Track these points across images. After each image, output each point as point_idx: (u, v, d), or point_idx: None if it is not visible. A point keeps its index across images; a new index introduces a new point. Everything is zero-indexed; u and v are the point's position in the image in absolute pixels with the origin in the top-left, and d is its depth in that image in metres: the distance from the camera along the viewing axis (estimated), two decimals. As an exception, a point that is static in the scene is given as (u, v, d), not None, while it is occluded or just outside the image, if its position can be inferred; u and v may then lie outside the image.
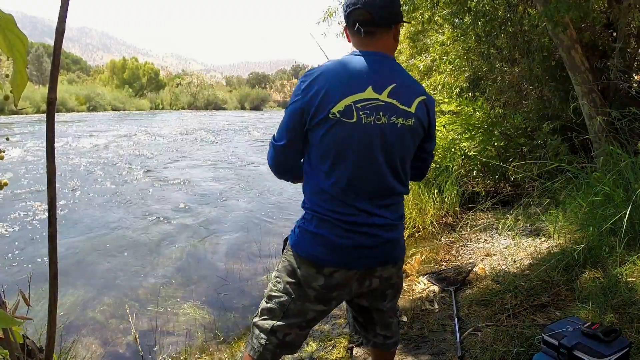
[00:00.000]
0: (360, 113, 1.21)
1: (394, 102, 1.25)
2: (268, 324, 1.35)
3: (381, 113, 1.23)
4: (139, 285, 3.51)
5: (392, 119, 1.24)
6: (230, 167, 9.40)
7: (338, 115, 1.20)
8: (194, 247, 4.39)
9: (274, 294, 1.36)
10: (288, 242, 1.37)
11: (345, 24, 1.34)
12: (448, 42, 5.92)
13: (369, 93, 1.22)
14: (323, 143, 1.23)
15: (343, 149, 1.22)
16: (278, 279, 1.36)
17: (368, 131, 1.22)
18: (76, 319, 2.96)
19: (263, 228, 5.01)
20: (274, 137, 1.33)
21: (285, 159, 1.33)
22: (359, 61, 1.25)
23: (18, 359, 0.71)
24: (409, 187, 1.45)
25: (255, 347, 1.36)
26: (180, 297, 3.30)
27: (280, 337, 1.34)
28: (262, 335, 1.35)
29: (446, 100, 5.23)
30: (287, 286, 1.33)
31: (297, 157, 1.33)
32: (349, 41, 1.35)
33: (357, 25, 1.27)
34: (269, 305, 1.36)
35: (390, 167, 1.27)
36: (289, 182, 1.47)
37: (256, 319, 1.40)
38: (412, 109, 1.28)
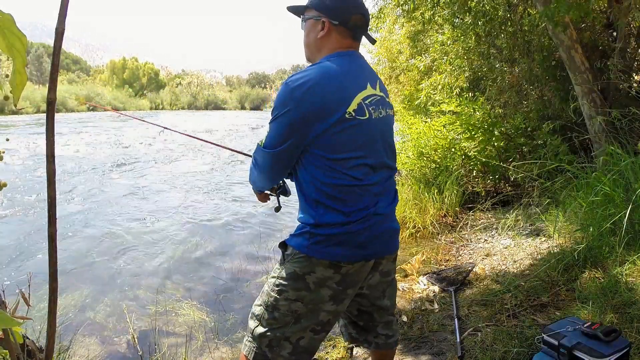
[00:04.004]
0: (370, 109, 1.28)
1: (383, 95, 1.37)
2: (280, 332, 1.29)
3: (381, 106, 1.33)
4: (138, 286, 3.51)
5: (387, 111, 1.37)
6: (229, 169, 9.40)
7: (354, 114, 1.24)
8: (193, 248, 4.39)
9: (280, 303, 1.29)
10: (290, 247, 1.31)
11: (333, 21, 1.32)
12: (448, 42, 5.92)
13: (369, 89, 1.30)
14: (340, 143, 1.23)
15: (359, 145, 1.26)
16: (282, 287, 1.30)
17: (375, 125, 1.30)
18: (75, 319, 2.96)
19: (261, 229, 5.01)
20: (261, 144, 1.30)
21: (274, 170, 1.32)
22: (350, 60, 1.32)
23: (18, 359, 0.71)
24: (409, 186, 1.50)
25: (270, 356, 1.30)
26: (179, 297, 3.30)
27: (293, 341, 1.30)
28: (274, 344, 1.30)
29: (446, 100, 5.23)
30: (297, 293, 1.28)
31: (289, 165, 1.30)
32: (324, 36, 1.34)
33: (356, 29, 1.35)
34: (276, 314, 1.30)
35: (385, 154, 1.36)
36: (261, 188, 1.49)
37: (260, 330, 1.32)
38: (389, 100, 1.43)
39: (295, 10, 1.43)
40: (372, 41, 1.44)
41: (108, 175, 8.05)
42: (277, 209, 1.60)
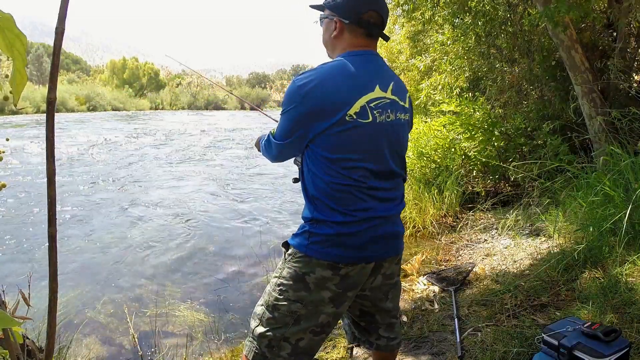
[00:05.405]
0: (375, 112, 1.26)
1: (396, 98, 1.32)
2: (279, 332, 1.29)
3: (389, 110, 1.29)
4: (138, 286, 3.51)
5: (397, 115, 1.32)
6: (228, 170, 9.39)
7: (355, 117, 1.23)
8: (193, 248, 4.39)
9: (280, 303, 1.29)
10: (291, 247, 1.31)
11: (344, 20, 1.31)
12: (448, 42, 5.92)
13: (377, 92, 1.27)
14: (339, 144, 1.23)
15: (358, 148, 1.25)
16: (282, 287, 1.30)
17: (380, 129, 1.28)
18: (75, 319, 2.96)
19: (260, 229, 5.01)
20: (272, 134, 1.37)
21: (284, 156, 1.40)
22: (360, 61, 1.29)
23: (18, 359, 0.71)
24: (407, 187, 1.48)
25: (269, 356, 1.30)
26: (179, 297, 3.30)
27: (292, 342, 1.29)
28: (273, 344, 1.30)
29: (446, 100, 5.24)
30: (297, 293, 1.28)
31: (297, 153, 1.37)
32: (337, 35, 1.34)
33: (370, 27, 1.31)
34: (275, 314, 1.30)
35: (392, 159, 1.33)
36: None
37: (260, 329, 1.32)
38: (407, 104, 1.38)
39: (317, 9, 1.43)
40: (386, 39, 1.40)
41: (109, 174, 8.05)
42: (295, 180, 1.60)
